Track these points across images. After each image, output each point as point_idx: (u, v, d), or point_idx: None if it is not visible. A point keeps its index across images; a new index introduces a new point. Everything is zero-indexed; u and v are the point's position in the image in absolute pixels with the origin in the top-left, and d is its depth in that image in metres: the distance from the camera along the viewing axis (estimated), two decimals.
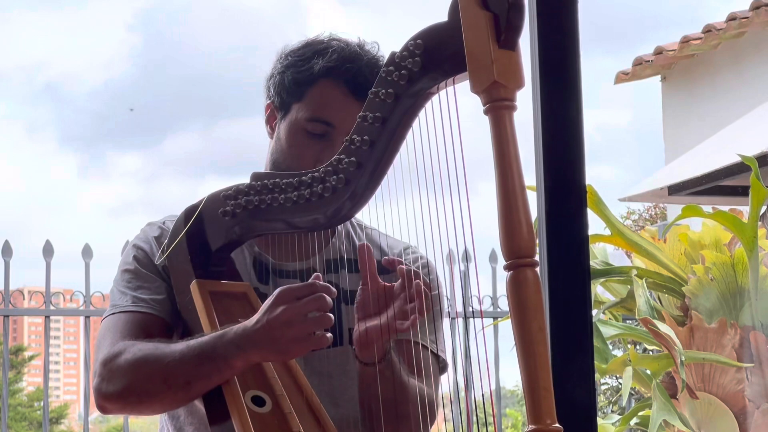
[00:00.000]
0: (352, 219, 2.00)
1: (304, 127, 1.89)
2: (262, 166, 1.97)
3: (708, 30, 8.82)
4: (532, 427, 1.44)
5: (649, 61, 9.46)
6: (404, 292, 1.72)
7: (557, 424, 1.44)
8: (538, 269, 1.49)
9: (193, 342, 1.73)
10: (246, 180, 1.80)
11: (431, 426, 1.82)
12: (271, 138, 1.96)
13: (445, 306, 2.00)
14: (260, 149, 2.02)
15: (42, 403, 5.17)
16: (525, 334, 1.45)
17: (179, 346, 1.73)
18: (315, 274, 1.73)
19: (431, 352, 1.90)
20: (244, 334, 1.68)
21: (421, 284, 1.71)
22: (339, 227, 1.97)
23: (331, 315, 1.67)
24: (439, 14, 1.60)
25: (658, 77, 9.89)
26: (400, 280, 1.74)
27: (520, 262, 1.46)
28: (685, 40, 9.02)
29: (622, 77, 9.72)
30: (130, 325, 1.82)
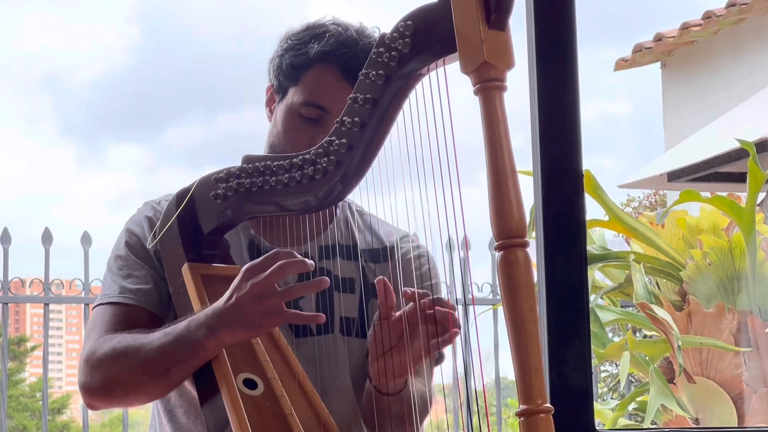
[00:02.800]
0: (351, 205, 2.00)
1: (299, 111, 1.89)
2: None
3: (708, 16, 8.80)
4: (523, 407, 1.43)
5: (648, 48, 9.44)
6: (423, 324, 1.71)
7: (548, 404, 1.44)
8: (529, 249, 1.48)
9: (168, 329, 1.74)
10: (238, 163, 1.80)
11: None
12: (270, 121, 1.96)
13: (444, 294, 1.99)
14: (260, 139, 2.01)
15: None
16: (516, 314, 1.44)
17: (156, 335, 1.74)
18: (275, 250, 1.71)
19: None
20: (214, 314, 1.68)
21: (447, 317, 1.70)
22: (338, 213, 1.97)
23: (297, 284, 1.66)
24: None
25: (658, 64, 9.88)
26: (413, 307, 1.72)
27: (510, 242, 1.46)
28: (685, 27, 9.00)
29: (622, 64, 9.71)
30: (114, 318, 1.83)
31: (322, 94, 1.87)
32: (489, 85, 1.48)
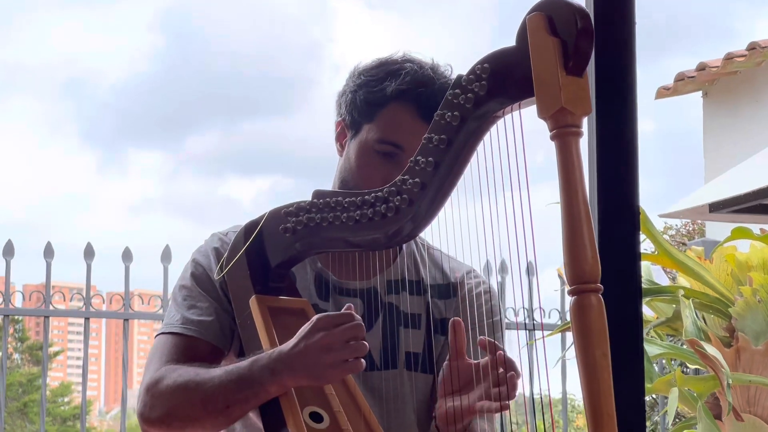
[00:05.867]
0: (417, 239, 2.00)
1: (374, 148, 1.89)
2: (283, 165, 1.99)
3: (752, 47, 8.77)
4: None
5: (691, 77, 9.42)
6: (491, 371, 1.70)
7: None
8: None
9: (231, 367, 1.75)
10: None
11: None
12: (341, 156, 1.96)
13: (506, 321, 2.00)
14: (280, 148, 2.03)
15: (65, 399, 5.20)
16: (589, 359, 1.45)
17: (218, 372, 1.76)
18: (348, 305, 1.73)
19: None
20: (279, 358, 1.69)
21: (513, 373, 1.69)
22: (404, 247, 1.97)
23: (366, 343, 1.67)
24: (467, 20, 1.58)
25: (700, 93, 9.84)
26: (487, 358, 1.72)
27: (584, 287, 1.46)
28: (729, 57, 8.98)
29: (664, 92, 9.68)
30: (175, 348, 1.86)
31: (398, 132, 1.88)
32: (566, 131, 1.48)
